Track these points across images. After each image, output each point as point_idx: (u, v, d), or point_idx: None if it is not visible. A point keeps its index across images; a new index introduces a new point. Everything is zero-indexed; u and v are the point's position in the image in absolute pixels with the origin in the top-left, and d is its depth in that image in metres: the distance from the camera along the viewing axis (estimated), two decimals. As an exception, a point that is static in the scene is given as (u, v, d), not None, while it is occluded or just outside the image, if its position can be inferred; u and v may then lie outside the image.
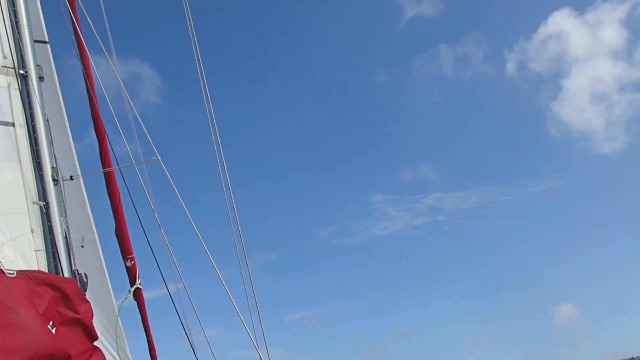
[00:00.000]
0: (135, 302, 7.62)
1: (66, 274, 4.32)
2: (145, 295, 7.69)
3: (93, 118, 6.98)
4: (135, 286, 7.58)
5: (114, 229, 7.43)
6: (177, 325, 7.41)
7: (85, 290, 4.55)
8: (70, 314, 4.20)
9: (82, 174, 5.99)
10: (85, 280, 4.45)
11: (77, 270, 4.41)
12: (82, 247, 5.88)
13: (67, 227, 4.08)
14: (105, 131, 7.16)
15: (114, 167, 6.78)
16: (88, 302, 4.51)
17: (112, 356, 6.60)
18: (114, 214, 7.34)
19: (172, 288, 7.51)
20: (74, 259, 4.32)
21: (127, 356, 7.01)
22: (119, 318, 6.62)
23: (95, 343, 4.80)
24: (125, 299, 7.30)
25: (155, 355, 8.06)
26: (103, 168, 6.80)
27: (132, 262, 7.60)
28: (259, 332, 6.58)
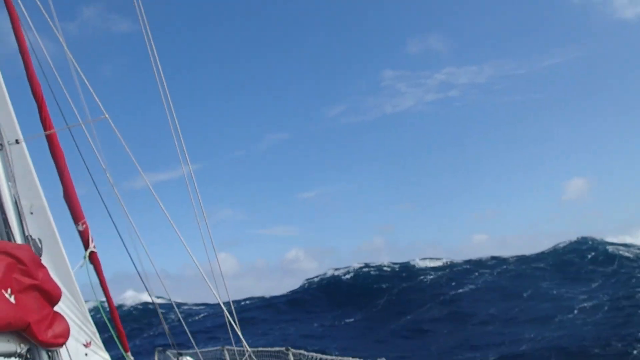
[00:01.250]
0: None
1: (19, 240, 4.19)
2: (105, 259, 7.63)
3: (28, 78, 6.63)
4: (89, 250, 7.48)
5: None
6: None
7: (41, 255, 4.45)
8: (27, 280, 4.10)
9: (25, 137, 5.73)
10: (39, 245, 4.33)
11: (31, 236, 4.29)
12: (32, 213, 5.70)
13: (17, 192, 3.93)
14: (42, 92, 6.83)
15: (59, 128, 6.52)
16: (44, 267, 4.41)
17: (73, 320, 6.55)
18: (60, 178, 7.12)
19: (133, 253, 7.47)
20: (26, 224, 4.18)
21: (88, 319, 6.98)
22: (74, 280, 6.54)
23: (55, 309, 4.74)
24: (82, 265, 7.21)
25: (117, 315, 8.07)
26: (45, 131, 6.53)
27: (84, 225, 7.45)
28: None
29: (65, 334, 4.41)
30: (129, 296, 47.82)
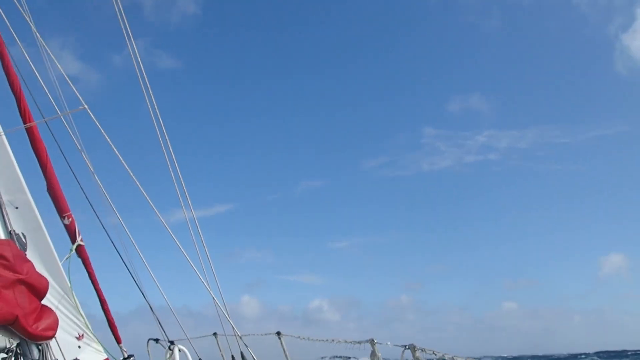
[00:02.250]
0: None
1: (2, 235, 4.15)
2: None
3: (5, 71, 6.52)
4: (76, 243, 7.43)
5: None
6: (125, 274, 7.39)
7: (25, 250, 4.41)
8: (11, 275, 4.08)
9: (4, 131, 5.65)
10: (24, 240, 4.29)
11: (14, 231, 4.24)
12: (17, 208, 5.64)
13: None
14: (20, 84, 6.72)
15: (38, 121, 6.43)
16: (29, 261, 4.39)
17: (63, 313, 6.52)
18: (43, 172, 7.04)
19: (117, 243, 7.42)
20: (9, 220, 4.14)
21: (79, 312, 6.95)
22: (65, 273, 6.50)
23: (44, 302, 4.72)
24: (67, 258, 7.15)
25: (108, 308, 8.06)
26: (24, 124, 6.44)
27: (70, 219, 7.39)
28: (210, 274, 6.64)
29: (54, 327, 4.40)
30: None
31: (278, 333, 6.82)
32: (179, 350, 4.74)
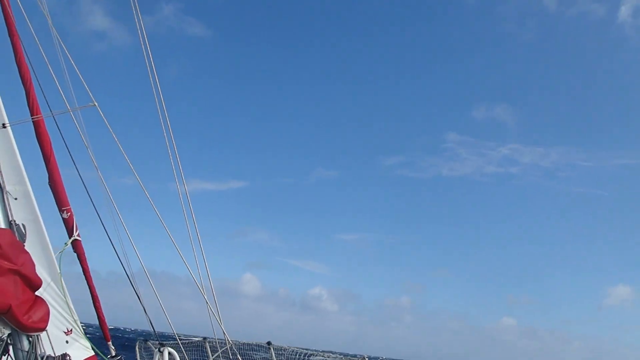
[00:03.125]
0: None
1: (3, 224, 4.15)
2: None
3: (17, 63, 6.56)
4: (72, 238, 7.42)
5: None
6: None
7: (24, 241, 4.41)
8: (6, 264, 4.09)
9: (10, 123, 5.67)
10: (23, 231, 4.29)
11: (15, 221, 4.25)
12: (16, 199, 5.65)
13: (2, 177, 3.91)
14: (30, 77, 6.76)
15: (47, 115, 6.46)
16: (27, 252, 4.40)
17: (54, 307, 6.50)
18: (46, 164, 7.06)
19: (115, 240, 7.43)
20: (10, 209, 4.14)
21: (70, 307, 6.93)
22: (57, 266, 6.49)
23: (37, 294, 4.71)
24: (62, 251, 7.14)
25: (99, 305, 8.03)
26: (32, 116, 6.48)
27: (69, 213, 7.39)
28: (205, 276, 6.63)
29: (46, 319, 4.40)
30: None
31: (269, 343, 6.80)
32: (169, 354, 4.73)
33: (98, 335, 8.51)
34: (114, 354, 8.30)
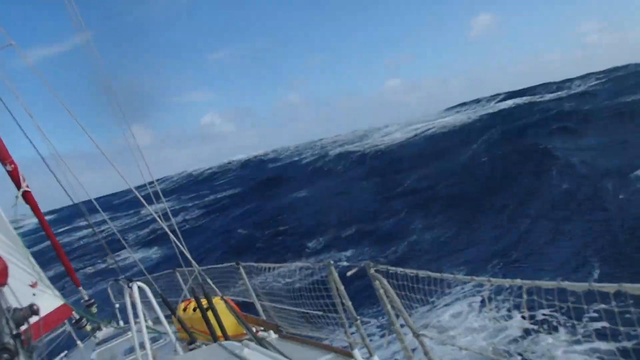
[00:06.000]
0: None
1: None
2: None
3: None
4: (22, 189, 7.20)
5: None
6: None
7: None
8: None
9: None
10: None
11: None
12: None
13: None
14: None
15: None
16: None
17: (13, 262, 6.39)
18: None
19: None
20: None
21: (30, 260, 6.82)
22: (7, 222, 6.32)
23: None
24: (15, 205, 6.95)
25: (62, 252, 7.95)
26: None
27: (13, 165, 7.14)
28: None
29: (5, 274, 4.30)
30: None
31: (237, 263, 6.92)
32: (138, 288, 4.74)
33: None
34: (86, 297, 8.33)
